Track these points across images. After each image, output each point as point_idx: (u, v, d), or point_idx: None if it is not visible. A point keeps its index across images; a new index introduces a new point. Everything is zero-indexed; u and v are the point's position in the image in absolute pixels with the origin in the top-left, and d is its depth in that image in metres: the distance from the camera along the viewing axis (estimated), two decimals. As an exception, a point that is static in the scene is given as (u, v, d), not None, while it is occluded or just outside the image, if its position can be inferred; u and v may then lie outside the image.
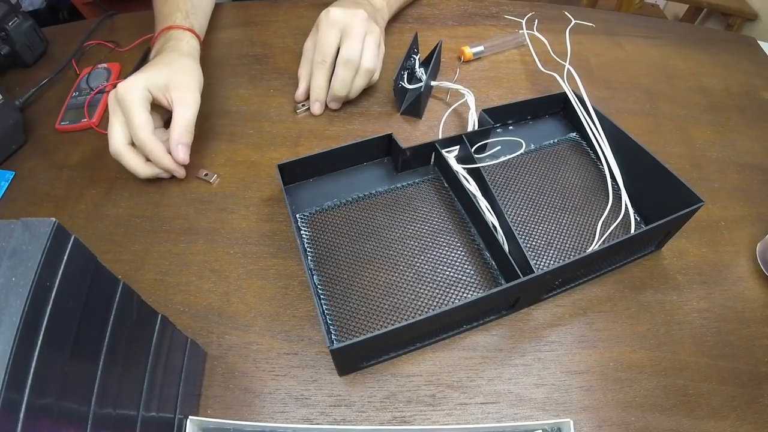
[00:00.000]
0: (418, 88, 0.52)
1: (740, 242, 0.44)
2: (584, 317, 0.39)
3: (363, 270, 0.40)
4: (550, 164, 0.48)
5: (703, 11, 1.38)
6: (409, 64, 0.54)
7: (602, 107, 0.47)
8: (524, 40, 0.60)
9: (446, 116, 0.52)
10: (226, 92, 0.56)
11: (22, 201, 0.46)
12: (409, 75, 0.54)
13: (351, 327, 0.37)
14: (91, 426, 0.22)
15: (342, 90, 0.51)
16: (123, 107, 0.43)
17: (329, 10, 0.50)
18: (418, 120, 0.53)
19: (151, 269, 0.41)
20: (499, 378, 0.36)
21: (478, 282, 0.40)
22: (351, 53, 0.49)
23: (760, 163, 0.51)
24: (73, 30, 0.64)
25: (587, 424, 0.34)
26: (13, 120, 0.49)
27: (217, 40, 0.62)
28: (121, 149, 0.44)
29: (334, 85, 0.50)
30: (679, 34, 0.68)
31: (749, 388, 0.36)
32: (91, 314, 0.22)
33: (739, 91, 0.59)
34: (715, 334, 0.39)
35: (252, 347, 0.37)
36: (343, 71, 0.50)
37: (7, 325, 0.18)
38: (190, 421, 0.31)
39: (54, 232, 0.20)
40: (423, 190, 0.46)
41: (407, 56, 0.53)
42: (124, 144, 0.44)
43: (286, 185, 0.44)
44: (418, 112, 0.53)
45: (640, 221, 0.44)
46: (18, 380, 0.18)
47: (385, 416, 0.34)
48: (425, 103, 0.54)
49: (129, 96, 0.43)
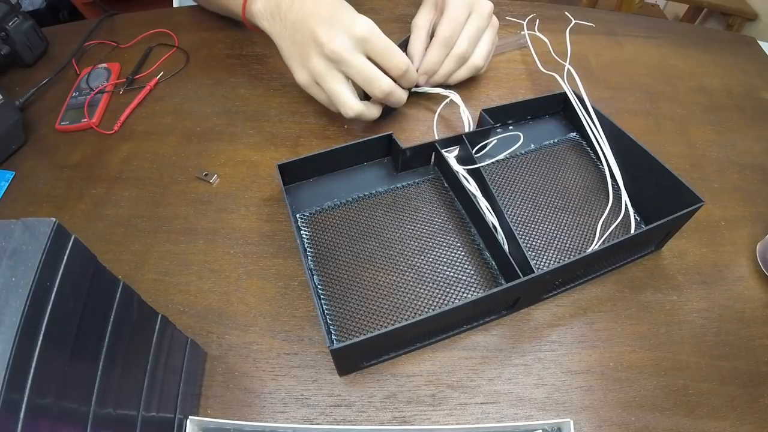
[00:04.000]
0: None
1: (740, 242, 0.44)
2: (584, 317, 0.39)
3: (363, 270, 0.40)
4: (550, 164, 0.48)
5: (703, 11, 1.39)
6: None
7: (602, 107, 0.47)
8: (526, 41, 0.60)
9: (436, 118, 0.52)
10: (226, 92, 0.56)
11: (22, 201, 0.46)
12: None
13: (351, 327, 0.37)
14: (91, 426, 0.22)
15: (440, 78, 0.51)
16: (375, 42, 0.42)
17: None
18: (418, 120, 0.53)
19: (151, 269, 0.41)
20: (499, 378, 0.36)
21: (478, 282, 0.40)
22: (465, 46, 0.48)
23: (760, 163, 0.51)
24: (73, 30, 0.64)
25: (587, 424, 0.34)
26: (13, 120, 0.49)
27: (217, 40, 0.62)
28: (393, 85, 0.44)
29: (439, 70, 0.50)
30: (679, 34, 0.68)
31: (749, 388, 0.36)
32: (91, 314, 0.22)
33: (739, 91, 0.59)
34: (715, 334, 0.39)
35: (252, 347, 0.37)
36: (450, 61, 0.49)
37: (7, 325, 0.18)
38: (190, 421, 0.31)
39: (54, 232, 0.20)
40: (423, 190, 0.46)
41: None
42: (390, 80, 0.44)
43: (286, 185, 0.44)
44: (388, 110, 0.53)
45: (640, 221, 0.44)
46: (18, 380, 0.18)
47: (385, 416, 0.34)
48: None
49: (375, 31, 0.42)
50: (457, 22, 0.48)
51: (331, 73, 0.43)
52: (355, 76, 0.43)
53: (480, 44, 0.50)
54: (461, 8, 0.48)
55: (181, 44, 0.61)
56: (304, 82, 0.46)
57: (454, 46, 0.49)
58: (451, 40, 0.48)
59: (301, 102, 0.55)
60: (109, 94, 0.55)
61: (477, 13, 0.48)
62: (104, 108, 0.54)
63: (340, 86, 0.44)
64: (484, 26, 0.49)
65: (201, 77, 0.58)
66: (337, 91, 0.44)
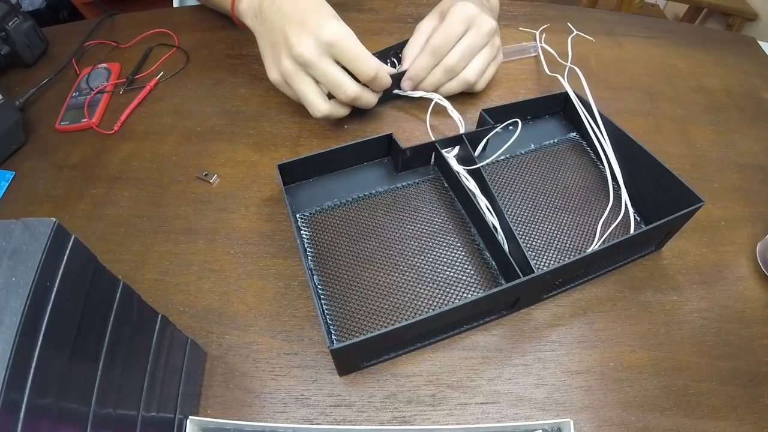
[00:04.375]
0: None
1: (740, 242, 0.44)
2: (584, 317, 0.39)
3: (363, 270, 0.40)
4: (550, 164, 0.48)
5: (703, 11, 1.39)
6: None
7: (602, 107, 0.47)
8: (535, 51, 0.60)
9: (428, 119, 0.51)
10: (226, 92, 0.56)
11: (22, 201, 0.46)
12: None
13: (351, 327, 0.37)
14: (91, 426, 0.22)
15: (430, 86, 0.51)
16: (343, 47, 0.42)
17: (465, 2, 0.48)
18: (418, 120, 0.53)
19: (151, 269, 0.41)
20: (499, 378, 0.36)
21: (478, 282, 0.40)
22: (456, 59, 0.48)
23: (760, 163, 0.51)
24: (73, 30, 0.64)
25: (587, 424, 0.34)
26: (13, 120, 0.49)
27: (217, 39, 0.62)
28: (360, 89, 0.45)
29: (430, 77, 0.50)
30: (679, 34, 0.68)
31: (749, 388, 0.36)
32: (91, 314, 0.22)
33: (739, 91, 0.59)
34: (715, 334, 0.39)
35: (252, 347, 0.37)
36: (438, 71, 0.49)
37: (7, 325, 0.18)
38: (190, 421, 0.31)
39: (54, 232, 0.20)
40: (423, 190, 0.46)
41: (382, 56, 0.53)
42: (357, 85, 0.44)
43: (286, 185, 0.44)
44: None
45: (640, 221, 0.44)
46: (18, 380, 0.18)
47: (385, 416, 0.34)
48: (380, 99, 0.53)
49: (344, 34, 0.42)
50: (451, 34, 0.48)
51: (299, 75, 0.44)
52: (321, 79, 0.44)
53: (475, 60, 0.49)
54: (459, 21, 0.48)
55: (181, 44, 0.61)
56: (276, 80, 0.47)
57: (445, 57, 0.49)
58: (440, 50, 0.48)
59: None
60: (109, 94, 0.55)
61: (476, 28, 0.48)
62: (104, 108, 0.54)
63: (308, 88, 0.45)
64: (480, 43, 0.49)
65: (201, 77, 0.58)
66: (304, 92, 0.45)
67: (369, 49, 0.45)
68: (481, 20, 0.48)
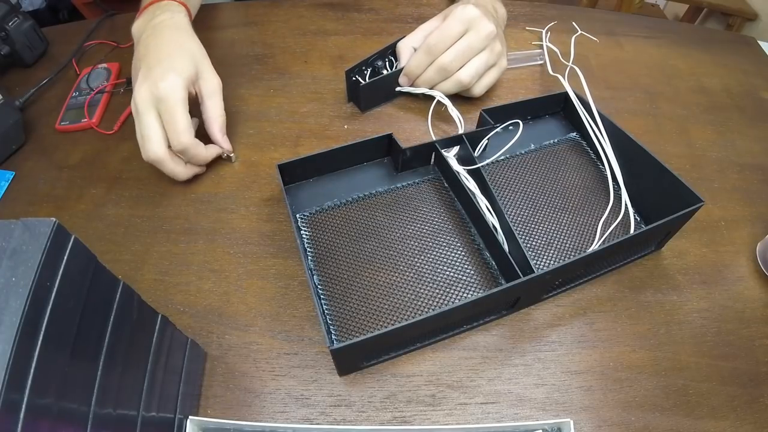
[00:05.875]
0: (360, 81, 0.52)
1: (740, 242, 0.44)
2: (584, 317, 0.39)
3: (363, 270, 0.40)
4: (550, 164, 0.48)
5: (703, 11, 1.38)
6: (377, 65, 0.54)
7: (602, 107, 0.47)
8: (541, 59, 0.59)
9: (430, 118, 0.52)
10: (226, 92, 0.55)
11: (22, 201, 0.46)
12: (372, 74, 0.54)
13: (351, 327, 0.37)
14: (91, 426, 0.22)
15: (424, 84, 0.51)
16: (165, 108, 0.41)
17: (468, 5, 0.48)
18: (418, 120, 0.53)
19: (151, 269, 0.41)
20: (499, 378, 0.36)
21: (478, 282, 0.40)
22: (450, 58, 0.48)
23: (760, 163, 0.51)
24: (73, 30, 0.64)
25: (587, 424, 0.34)
26: (13, 120, 0.49)
27: (217, 40, 0.62)
28: (163, 156, 0.42)
29: (424, 75, 0.50)
30: (679, 34, 0.68)
31: (749, 388, 0.36)
32: (91, 314, 0.22)
33: (739, 91, 0.59)
34: (715, 334, 0.39)
35: (252, 347, 0.37)
36: (432, 70, 0.49)
37: (7, 325, 0.18)
38: (190, 421, 0.31)
39: (54, 232, 0.20)
40: (423, 190, 0.46)
41: (378, 56, 0.53)
42: (165, 149, 0.42)
43: (286, 185, 0.44)
44: (357, 99, 0.53)
45: (640, 221, 0.44)
46: (18, 380, 0.18)
47: (385, 416, 0.34)
48: (371, 96, 0.53)
49: (173, 97, 0.41)
50: (448, 34, 0.48)
51: (137, 116, 0.43)
52: (138, 129, 0.43)
53: (471, 62, 0.49)
54: (457, 23, 0.48)
55: (181, 44, 0.61)
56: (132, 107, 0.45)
57: (439, 56, 0.49)
58: (435, 48, 0.48)
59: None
60: (109, 94, 0.55)
61: (474, 31, 0.48)
62: (104, 108, 0.54)
63: (145, 130, 0.42)
64: (477, 46, 0.48)
65: (201, 77, 0.58)
66: (141, 132, 0.42)
67: (369, 49, 0.45)
68: (480, 23, 0.48)
